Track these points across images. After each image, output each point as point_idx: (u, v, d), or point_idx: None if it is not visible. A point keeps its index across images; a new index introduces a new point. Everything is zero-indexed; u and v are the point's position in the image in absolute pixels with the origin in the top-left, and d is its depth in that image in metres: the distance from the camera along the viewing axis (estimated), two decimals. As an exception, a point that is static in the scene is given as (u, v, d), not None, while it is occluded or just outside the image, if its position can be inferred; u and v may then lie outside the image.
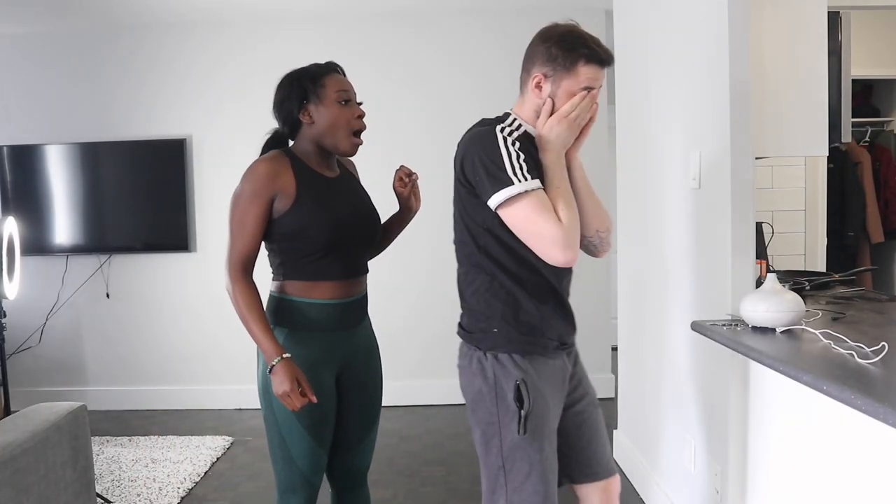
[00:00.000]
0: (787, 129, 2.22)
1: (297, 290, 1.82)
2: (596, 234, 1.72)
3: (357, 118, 1.85)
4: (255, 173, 1.76)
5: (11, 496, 1.64)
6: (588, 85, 1.59)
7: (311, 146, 1.86)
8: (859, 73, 3.93)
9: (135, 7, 4.04)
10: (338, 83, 1.85)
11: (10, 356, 4.29)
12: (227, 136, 4.41)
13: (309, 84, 1.82)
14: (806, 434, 1.78)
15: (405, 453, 3.61)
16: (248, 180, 1.76)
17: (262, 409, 1.86)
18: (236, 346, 4.48)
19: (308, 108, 1.82)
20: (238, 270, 1.76)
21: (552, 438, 1.65)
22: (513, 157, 1.54)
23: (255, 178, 1.76)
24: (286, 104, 1.84)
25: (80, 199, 4.38)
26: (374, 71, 4.35)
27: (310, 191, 1.81)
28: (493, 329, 1.62)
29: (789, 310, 1.80)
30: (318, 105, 1.81)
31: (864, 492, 1.53)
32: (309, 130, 1.84)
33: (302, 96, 1.82)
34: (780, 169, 4.10)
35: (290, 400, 1.69)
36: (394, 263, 4.36)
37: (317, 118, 1.81)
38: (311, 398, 1.72)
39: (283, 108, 1.85)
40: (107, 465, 3.45)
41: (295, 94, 1.82)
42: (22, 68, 4.43)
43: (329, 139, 1.83)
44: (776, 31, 2.20)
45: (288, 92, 1.84)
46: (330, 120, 1.81)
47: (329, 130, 1.82)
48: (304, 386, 1.71)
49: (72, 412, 2.00)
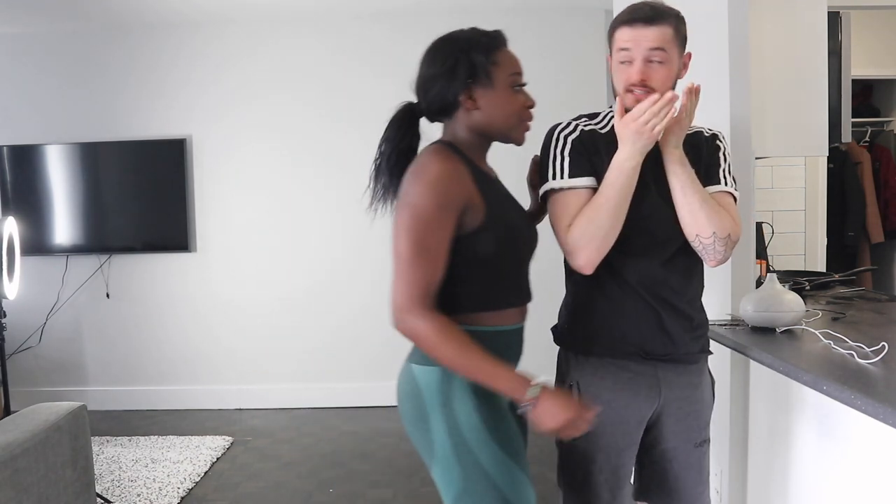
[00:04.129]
0: (787, 129, 2.22)
1: (488, 318, 1.44)
2: (696, 238, 1.51)
3: (529, 109, 1.48)
4: (437, 179, 1.33)
5: (11, 496, 1.64)
6: (623, 47, 1.47)
7: (470, 136, 1.46)
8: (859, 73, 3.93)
9: (136, 7, 4.03)
10: (512, 63, 1.45)
11: (10, 356, 4.28)
12: (227, 136, 4.41)
13: (481, 58, 1.41)
14: (806, 434, 1.78)
15: (405, 453, 3.61)
16: (430, 188, 1.33)
17: (450, 478, 1.37)
18: (236, 346, 4.49)
19: (474, 89, 1.41)
20: (424, 306, 1.32)
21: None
22: (556, 152, 1.53)
23: (438, 186, 1.33)
24: (444, 81, 1.41)
25: (80, 199, 4.38)
26: (374, 71, 4.35)
27: (494, 199, 1.43)
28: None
29: (789, 310, 1.80)
30: (486, 88, 1.41)
31: (864, 491, 1.53)
32: (468, 116, 1.43)
33: (468, 73, 1.40)
34: (780, 169, 4.11)
35: (582, 423, 1.35)
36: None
37: (483, 104, 1.42)
38: (591, 414, 1.38)
39: (438, 85, 1.41)
40: (107, 465, 3.45)
41: (461, 71, 1.40)
42: (22, 68, 4.43)
43: (499, 128, 1.45)
44: (776, 31, 2.20)
45: (451, 65, 1.40)
46: (502, 109, 1.43)
47: (502, 119, 1.44)
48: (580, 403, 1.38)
49: (72, 412, 2.00)
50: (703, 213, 1.49)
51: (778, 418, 1.93)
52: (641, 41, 1.45)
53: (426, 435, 1.39)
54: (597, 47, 4.03)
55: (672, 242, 1.54)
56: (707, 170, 1.58)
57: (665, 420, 1.58)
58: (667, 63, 1.47)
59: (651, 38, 1.45)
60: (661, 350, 1.54)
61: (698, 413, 1.61)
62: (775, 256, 3.87)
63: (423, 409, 1.39)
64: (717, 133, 1.66)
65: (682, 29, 1.51)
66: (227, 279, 4.46)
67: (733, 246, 1.53)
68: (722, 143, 1.64)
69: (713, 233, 1.49)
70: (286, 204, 4.43)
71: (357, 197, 4.88)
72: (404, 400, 1.44)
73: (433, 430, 1.38)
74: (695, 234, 1.51)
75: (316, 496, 3.12)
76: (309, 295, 4.44)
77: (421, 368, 1.41)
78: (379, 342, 4.43)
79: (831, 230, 4.26)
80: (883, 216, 4.49)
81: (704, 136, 1.63)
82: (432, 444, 1.39)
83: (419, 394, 1.40)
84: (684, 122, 1.51)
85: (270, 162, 4.41)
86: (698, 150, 1.59)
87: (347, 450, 3.68)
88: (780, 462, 1.92)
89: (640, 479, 1.67)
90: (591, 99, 3.93)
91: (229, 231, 4.44)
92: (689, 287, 1.57)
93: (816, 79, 2.22)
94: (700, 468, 1.63)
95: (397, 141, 1.46)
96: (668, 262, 1.53)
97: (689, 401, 1.59)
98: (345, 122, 4.38)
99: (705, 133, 1.64)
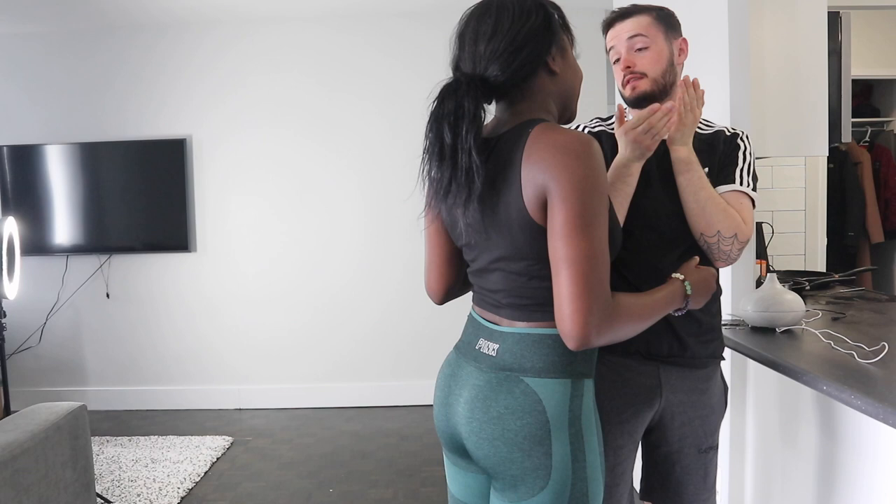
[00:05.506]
0: (787, 129, 2.22)
1: None
2: (701, 237, 1.51)
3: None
4: (598, 154, 1.13)
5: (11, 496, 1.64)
6: (609, 46, 1.59)
7: (554, 108, 1.28)
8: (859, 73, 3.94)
9: (137, 7, 4.03)
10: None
11: (10, 356, 4.29)
12: (227, 136, 4.41)
13: (561, 20, 1.26)
14: (806, 434, 1.78)
15: (405, 453, 3.61)
16: (598, 161, 1.12)
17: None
18: (236, 345, 4.49)
19: (554, 53, 1.24)
20: (609, 307, 1.12)
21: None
22: None
23: (601, 160, 1.13)
24: (540, 38, 1.21)
25: (80, 199, 4.38)
26: (376, 70, 4.36)
27: None
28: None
29: (789, 310, 1.81)
30: (563, 55, 1.25)
31: (864, 491, 1.53)
32: (552, 84, 1.25)
33: (553, 38, 1.23)
34: (780, 169, 4.10)
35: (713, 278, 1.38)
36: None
37: (562, 70, 1.25)
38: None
39: (532, 43, 1.20)
40: (107, 465, 3.45)
41: (555, 26, 1.23)
42: (22, 68, 4.43)
43: (573, 101, 1.31)
44: (776, 31, 2.20)
45: (543, 20, 1.22)
46: (575, 74, 1.29)
47: (576, 88, 1.30)
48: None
49: (72, 412, 2.00)
50: (709, 211, 1.48)
51: (778, 419, 1.93)
52: (621, 34, 1.55)
53: (542, 459, 1.17)
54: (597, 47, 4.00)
55: (680, 241, 1.53)
56: (722, 169, 1.57)
57: (668, 423, 1.57)
58: (651, 47, 1.54)
59: (628, 28, 1.55)
60: (665, 351, 1.54)
61: (705, 419, 1.59)
62: (775, 256, 3.87)
63: (546, 428, 1.17)
64: (740, 133, 1.64)
65: (665, 17, 1.57)
66: (227, 279, 4.46)
67: (741, 247, 1.51)
68: (744, 142, 1.61)
69: (717, 232, 1.48)
70: (286, 204, 4.43)
71: (357, 197, 4.89)
72: (510, 418, 1.18)
73: (555, 452, 1.17)
74: (700, 233, 1.50)
75: (316, 496, 3.12)
76: (309, 295, 4.44)
77: (543, 381, 1.19)
78: (379, 342, 4.43)
79: (831, 230, 4.26)
80: (883, 216, 4.49)
81: (725, 135, 1.62)
82: (549, 468, 1.17)
83: (541, 410, 1.18)
84: (687, 119, 1.50)
85: (271, 162, 4.41)
86: (713, 149, 1.59)
87: (347, 450, 3.68)
88: (779, 462, 1.92)
89: (646, 479, 1.66)
90: (590, 98, 3.94)
91: (229, 231, 4.44)
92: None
93: (816, 79, 2.22)
94: (705, 474, 1.61)
95: (481, 118, 1.19)
96: (676, 261, 1.52)
97: (696, 405, 1.58)
98: (345, 121, 4.38)
99: (727, 132, 1.63)
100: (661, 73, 1.53)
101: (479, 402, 1.21)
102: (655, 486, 1.64)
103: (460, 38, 1.25)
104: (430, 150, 1.19)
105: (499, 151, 1.20)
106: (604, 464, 1.24)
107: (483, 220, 1.21)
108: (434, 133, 1.19)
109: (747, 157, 1.60)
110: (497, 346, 1.23)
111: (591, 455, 1.19)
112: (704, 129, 1.64)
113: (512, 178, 1.16)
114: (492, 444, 1.19)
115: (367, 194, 4.39)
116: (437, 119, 1.18)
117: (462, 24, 1.25)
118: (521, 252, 1.19)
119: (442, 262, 1.39)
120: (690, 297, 1.31)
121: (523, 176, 1.14)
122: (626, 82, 1.56)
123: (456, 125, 1.16)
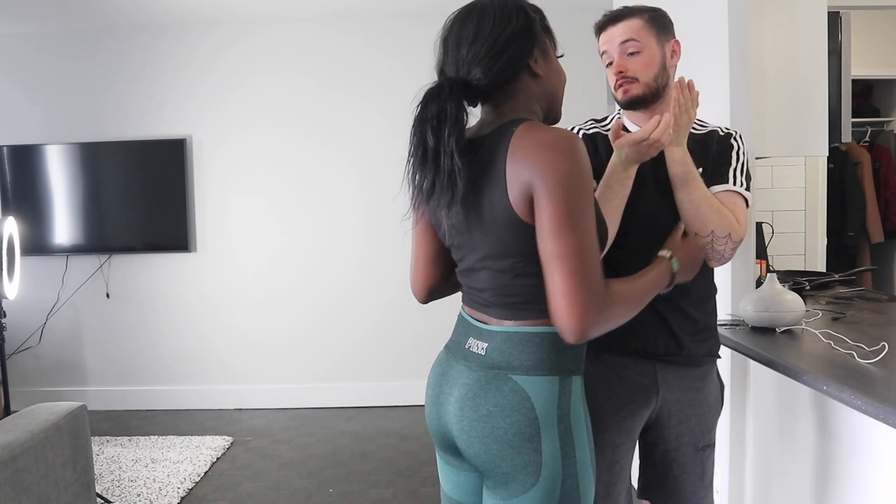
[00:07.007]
0: (787, 129, 2.22)
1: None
2: (695, 237, 1.51)
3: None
4: (583, 150, 1.14)
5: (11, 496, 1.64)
6: (602, 50, 1.60)
7: (538, 109, 1.29)
8: (859, 73, 3.94)
9: (137, 7, 4.03)
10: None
11: (10, 356, 4.29)
12: (227, 136, 4.41)
13: (542, 23, 1.28)
14: (806, 434, 1.78)
15: (405, 453, 3.61)
16: (583, 158, 1.13)
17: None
18: (236, 345, 4.49)
19: (536, 55, 1.25)
20: (603, 295, 1.13)
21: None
22: None
23: (585, 157, 1.14)
24: (521, 41, 1.22)
25: (80, 199, 4.38)
26: (377, 69, 4.36)
27: None
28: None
29: (789, 310, 1.81)
30: (545, 57, 1.27)
31: (864, 491, 1.53)
32: (535, 85, 1.26)
33: (534, 41, 1.24)
34: (780, 169, 4.10)
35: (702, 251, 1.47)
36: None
37: (543, 70, 1.26)
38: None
39: (514, 45, 1.21)
40: (107, 465, 3.45)
41: (536, 29, 1.25)
42: (22, 68, 4.43)
43: (558, 99, 1.32)
44: (776, 31, 2.21)
45: (524, 22, 1.23)
46: (558, 76, 1.30)
47: (559, 89, 1.31)
48: None
49: (72, 412, 2.00)
50: (702, 211, 1.49)
51: (778, 418, 1.93)
52: (613, 38, 1.56)
53: (532, 456, 1.18)
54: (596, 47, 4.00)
55: None
56: (715, 169, 1.58)
57: (665, 421, 1.58)
58: (643, 51, 1.54)
59: (620, 33, 1.55)
60: (661, 350, 1.55)
61: (701, 417, 1.60)
62: (775, 256, 3.87)
63: (535, 425, 1.18)
64: (734, 132, 1.65)
65: (657, 19, 1.56)
66: (227, 279, 4.46)
67: (735, 246, 1.51)
68: (737, 142, 1.62)
69: (711, 232, 1.49)
70: (286, 204, 4.43)
71: (357, 197, 4.89)
72: (500, 416, 1.19)
73: (545, 448, 1.18)
74: (693, 233, 1.50)
75: (316, 496, 3.12)
76: (309, 295, 4.44)
77: (532, 379, 1.19)
78: (379, 342, 4.43)
79: (831, 230, 4.26)
80: (883, 216, 4.49)
81: (719, 135, 1.63)
82: (539, 465, 1.18)
83: (530, 407, 1.18)
84: (681, 119, 1.50)
85: (271, 162, 4.41)
86: (706, 149, 1.59)
87: (347, 450, 3.68)
88: (779, 462, 1.92)
89: (644, 477, 1.67)
90: (589, 98, 3.94)
91: (229, 231, 4.45)
92: (693, 288, 1.55)
93: (816, 79, 2.22)
94: (702, 472, 1.62)
95: (463, 121, 1.20)
96: None
97: (692, 404, 1.59)
98: (345, 121, 4.38)
99: (720, 132, 1.63)
100: (653, 76, 1.54)
101: (469, 401, 1.22)
102: (653, 484, 1.65)
103: (444, 43, 1.27)
104: (413, 153, 1.21)
105: (483, 151, 1.21)
106: (594, 460, 1.24)
107: (467, 220, 1.22)
108: (417, 137, 1.20)
109: (741, 156, 1.60)
110: (486, 345, 1.24)
111: (580, 451, 1.20)
112: (698, 129, 1.64)
113: (497, 177, 1.16)
114: (482, 442, 1.20)
115: (367, 194, 4.39)
116: (420, 123, 1.20)
117: (445, 28, 1.27)
118: (506, 250, 1.19)
119: (426, 260, 1.40)
120: (677, 274, 1.36)
121: (508, 174, 1.14)
122: (618, 86, 1.57)
123: (438, 129, 1.17)
